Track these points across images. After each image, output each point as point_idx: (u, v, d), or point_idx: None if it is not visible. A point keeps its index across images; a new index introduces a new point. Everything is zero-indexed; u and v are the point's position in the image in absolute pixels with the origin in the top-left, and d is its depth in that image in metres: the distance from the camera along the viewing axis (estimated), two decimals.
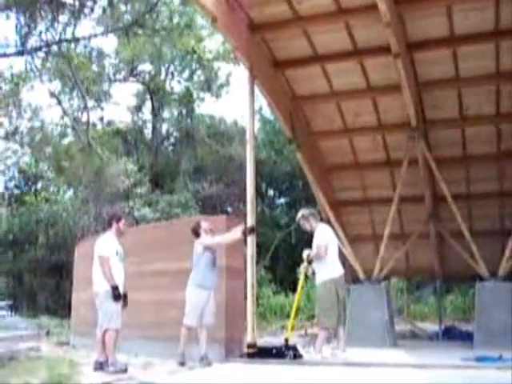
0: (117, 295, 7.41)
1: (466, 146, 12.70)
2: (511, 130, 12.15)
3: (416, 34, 10.55)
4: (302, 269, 8.67)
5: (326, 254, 8.22)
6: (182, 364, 7.66)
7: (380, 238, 12.31)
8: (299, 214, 8.76)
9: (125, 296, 7.62)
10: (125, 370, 7.23)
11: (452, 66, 11.12)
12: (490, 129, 12.35)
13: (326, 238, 8.38)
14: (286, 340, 8.36)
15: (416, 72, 11.29)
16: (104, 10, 21.53)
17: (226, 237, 8.09)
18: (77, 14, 20.59)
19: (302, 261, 8.67)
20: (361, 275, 12.25)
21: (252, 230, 8.69)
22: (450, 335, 13.69)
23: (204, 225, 8.09)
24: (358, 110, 12.53)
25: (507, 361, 7.88)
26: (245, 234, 8.21)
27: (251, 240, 8.88)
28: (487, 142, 12.52)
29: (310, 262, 8.44)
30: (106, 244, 7.68)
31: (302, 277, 8.70)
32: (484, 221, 13.48)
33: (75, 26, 21.35)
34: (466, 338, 12.28)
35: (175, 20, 24.73)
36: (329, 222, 12.08)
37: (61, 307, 20.87)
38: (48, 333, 14.61)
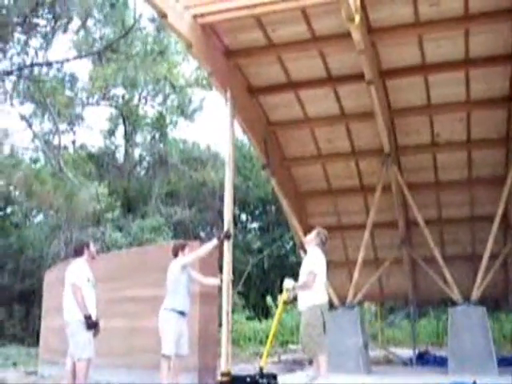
0: (90, 324, 7.21)
1: (437, 172, 12.86)
2: (482, 156, 12.37)
3: (389, 62, 10.71)
4: (281, 298, 8.34)
5: (314, 282, 7.85)
6: None
7: (353, 264, 12.29)
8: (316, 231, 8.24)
9: (96, 324, 7.44)
10: None
11: (424, 93, 11.29)
12: (461, 155, 12.52)
13: (318, 266, 7.85)
14: (261, 368, 8.21)
15: (389, 99, 11.44)
16: (77, 32, 21.46)
17: (202, 248, 7.96)
18: (50, 36, 20.47)
19: (274, 288, 8.47)
20: (334, 301, 12.21)
21: (227, 235, 8.63)
22: (424, 360, 13.72)
23: (187, 251, 7.86)
24: (332, 136, 12.63)
25: None
26: (220, 239, 8.26)
27: (227, 266, 8.74)
28: (458, 168, 12.69)
29: (287, 290, 8.15)
30: (78, 271, 7.47)
31: (280, 305, 8.44)
32: (456, 246, 13.63)
33: (47, 49, 21.24)
34: (440, 362, 12.33)
35: (149, 46, 24.76)
36: (302, 248, 12.06)
37: (29, 335, 20.42)
38: (15, 364, 14.17)
